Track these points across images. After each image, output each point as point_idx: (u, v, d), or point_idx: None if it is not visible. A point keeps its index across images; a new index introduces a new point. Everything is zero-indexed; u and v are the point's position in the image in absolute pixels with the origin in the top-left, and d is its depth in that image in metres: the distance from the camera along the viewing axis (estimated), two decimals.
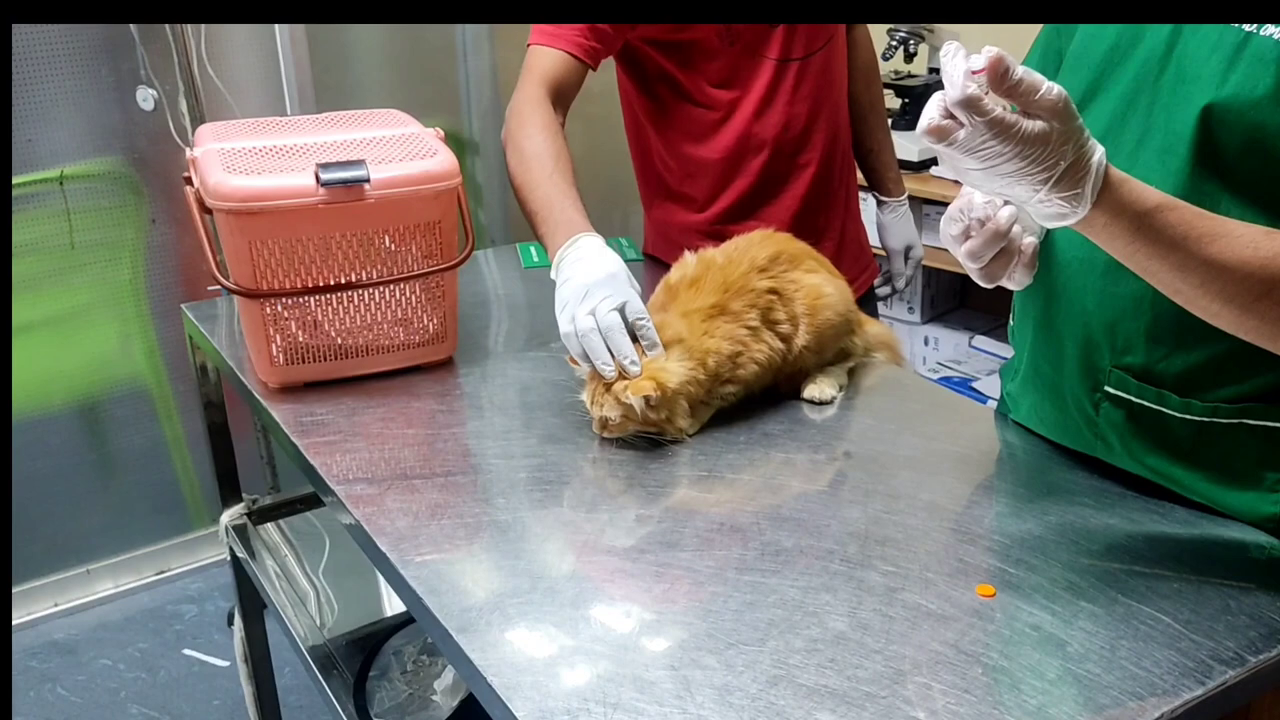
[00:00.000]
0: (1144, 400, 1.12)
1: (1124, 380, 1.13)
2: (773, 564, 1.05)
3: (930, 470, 1.22)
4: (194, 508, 2.93)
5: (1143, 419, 1.13)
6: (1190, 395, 1.09)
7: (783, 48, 1.68)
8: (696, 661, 0.91)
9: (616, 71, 1.79)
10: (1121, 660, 0.91)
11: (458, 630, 0.96)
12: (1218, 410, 1.09)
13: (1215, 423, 1.09)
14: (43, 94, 2.48)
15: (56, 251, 2.59)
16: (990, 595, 0.99)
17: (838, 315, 1.39)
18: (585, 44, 1.57)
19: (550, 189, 1.44)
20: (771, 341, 1.33)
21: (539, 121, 1.51)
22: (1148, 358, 1.10)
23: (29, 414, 2.66)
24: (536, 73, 1.56)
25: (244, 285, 1.38)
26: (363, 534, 1.13)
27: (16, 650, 2.66)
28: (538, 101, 1.53)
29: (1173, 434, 1.12)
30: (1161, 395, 1.11)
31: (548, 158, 1.47)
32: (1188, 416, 1.10)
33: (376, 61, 2.93)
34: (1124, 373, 1.12)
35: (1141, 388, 1.12)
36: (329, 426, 1.35)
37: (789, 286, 1.36)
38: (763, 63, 1.68)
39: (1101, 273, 1.08)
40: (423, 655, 1.66)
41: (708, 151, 1.73)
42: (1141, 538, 1.09)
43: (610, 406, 1.24)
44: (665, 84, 1.71)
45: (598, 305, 1.25)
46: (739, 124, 1.70)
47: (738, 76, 1.68)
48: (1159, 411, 1.11)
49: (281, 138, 1.48)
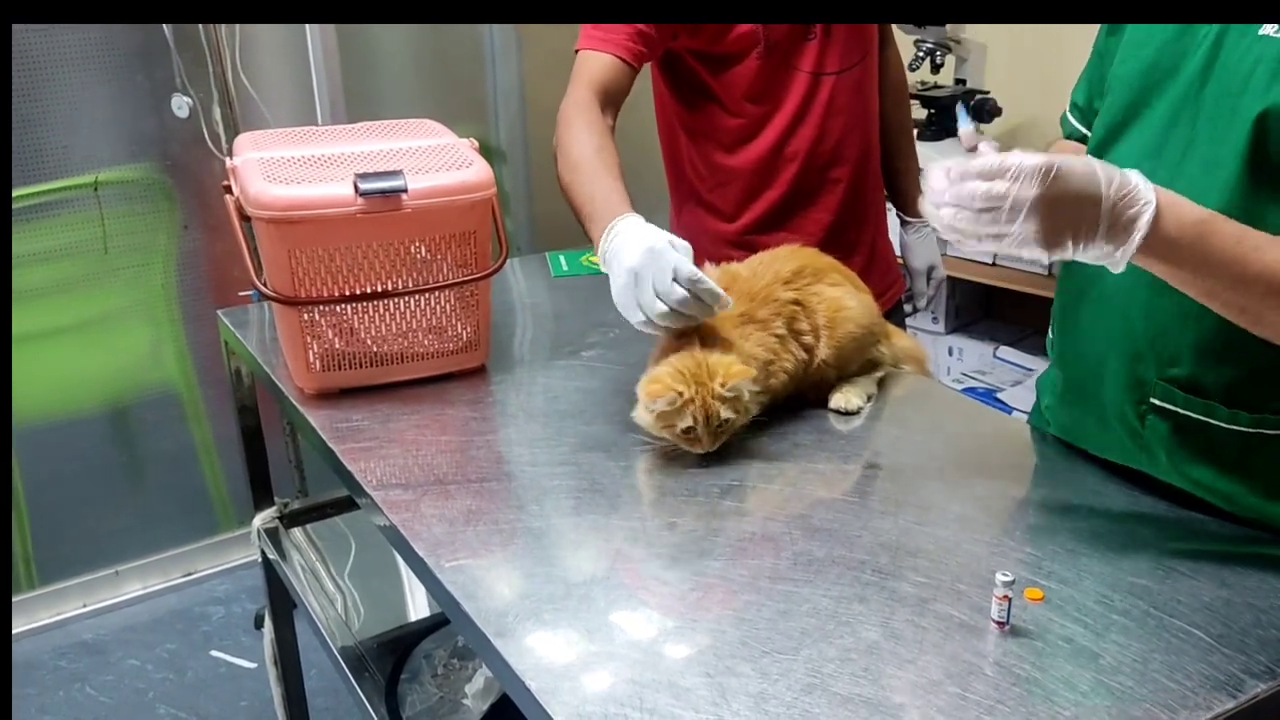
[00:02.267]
0: (1191, 412, 1.12)
1: (1170, 393, 1.13)
2: (805, 573, 1.06)
3: (960, 482, 1.23)
4: (222, 510, 2.97)
5: (1189, 431, 1.14)
6: (1237, 407, 1.10)
7: (816, 61, 1.70)
8: (731, 669, 0.92)
9: (653, 76, 1.80)
10: (1154, 673, 0.91)
11: (495, 635, 0.98)
12: (1264, 421, 1.10)
13: (1261, 434, 1.10)
14: (79, 100, 2.52)
15: (90, 256, 2.63)
16: (1038, 599, 1.00)
17: (859, 328, 1.40)
18: (633, 48, 1.58)
19: (593, 186, 1.42)
20: (797, 351, 1.35)
21: (583, 123, 1.51)
22: (1195, 370, 1.11)
23: (60, 416, 2.70)
24: (585, 77, 1.57)
25: (282, 293, 1.40)
26: (399, 539, 1.15)
27: (46, 650, 2.69)
28: (584, 105, 1.54)
29: (1219, 445, 1.12)
30: (1209, 407, 1.11)
31: (591, 156, 1.46)
32: (1235, 428, 1.11)
33: (405, 70, 2.96)
34: (1171, 385, 1.13)
35: (1189, 399, 1.12)
36: (364, 432, 1.37)
37: (812, 299, 1.37)
38: (796, 75, 1.70)
39: (1148, 285, 1.09)
40: (453, 659, 1.68)
41: (739, 161, 1.74)
42: (1173, 551, 1.09)
43: (724, 408, 1.22)
44: (700, 92, 1.73)
45: (656, 285, 1.22)
46: (771, 136, 1.72)
47: (771, 89, 1.70)
48: (1205, 423, 1.12)
49: (319, 147, 1.50)
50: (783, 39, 1.68)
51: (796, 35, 1.69)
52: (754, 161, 1.73)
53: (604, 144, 1.49)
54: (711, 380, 1.21)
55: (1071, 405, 1.27)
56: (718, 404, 1.22)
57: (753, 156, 1.73)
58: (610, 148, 1.49)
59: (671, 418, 1.22)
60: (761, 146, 1.72)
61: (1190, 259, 0.95)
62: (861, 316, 1.41)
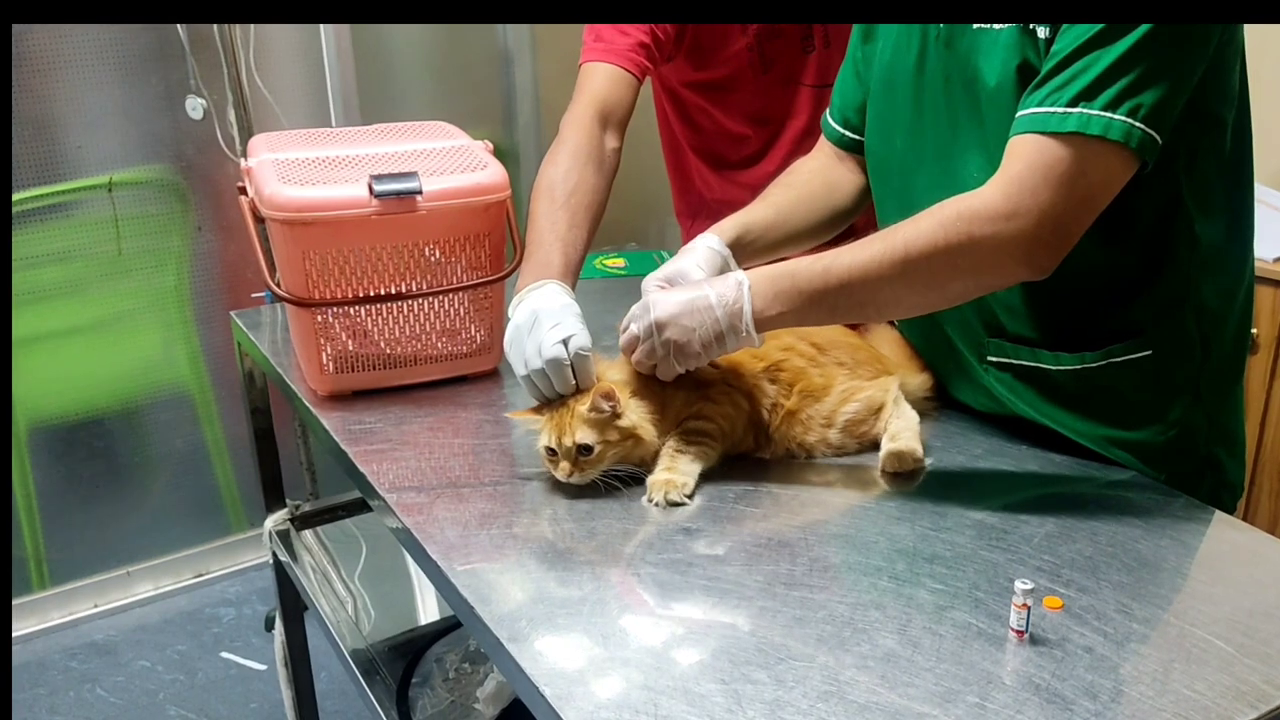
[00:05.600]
0: (1023, 360, 1.27)
1: (1001, 346, 1.28)
2: (821, 580, 1.05)
3: (977, 489, 1.22)
4: (233, 512, 2.97)
5: (1027, 376, 1.28)
6: (1060, 349, 1.24)
7: (818, 73, 1.68)
8: (746, 676, 0.91)
9: (655, 94, 1.79)
10: (1174, 683, 0.90)
11: (509, 639, 0.97)
12: (1084, 358, 1.23)
13: (1086, 367, 1.23)
14: (94, 101, 2.53)
15: (104, 257, 2.63)
16: (1058, 608, 0.99)
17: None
18: (636, 59, 1.57)
19: (546, 224, 1.40)
20: (738, 401, 1.27)
21: (570, 147, 1.48)
22: (1011, 325, 1.26)
23: (74, 416, 2.71)
24: (586, 94, 1.55)
25: (296, 294, 1.40)
26: (413, 542, 1.14)
27: (56, 650, 2.70)
28: (579, 125, 1.51)
29: (1059, 386, 1.26)
30: (1035, 354, 1.25)
31: (561, 187, 1.43)
32: (1062, 368, 1.25)
33: (418, 72, 2.96)
34: (1000, 340, 1.28)
35: (1018, 349, 1.27)
36: (378, 435, 1.37)
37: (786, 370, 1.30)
38: (800, 90, 1.69)
39: None
40: (464, 663, 1.68)
41: (750, 179, 1.73)
42: (1194, 561, 1.08)
43: (583, 430, 1.18)
44: (704, 115, 1.72)
45: (526, 348, 1.24)
46: (782, 151, 1.70)
47: (776, 105, 1.69)
48: (1039, 368, 1.26)
49: (334, 149, 1.50)
50: (781, 54, 1.67)
51: (795, 49, 1.68)
52: (764, 179, 1.72)
53: (580, 177, 1.45)
54: (579, 404, 1.20)
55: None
56: (577, 423, 1.18)
57: (763, 174, 1.71)
58: (589, 181, 1.45)
59: (539, 437, 1.21)
60: (773, 163, 1.71)
61: (800, 310, 1.16)
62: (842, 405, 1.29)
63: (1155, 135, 1.05)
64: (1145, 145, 1.05)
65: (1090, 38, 1.05)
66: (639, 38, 1.57)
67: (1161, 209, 1.17)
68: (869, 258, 1.13)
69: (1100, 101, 1.04)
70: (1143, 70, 1.04)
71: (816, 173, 1.47)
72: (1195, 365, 1.24)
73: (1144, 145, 1.05)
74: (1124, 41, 1.03)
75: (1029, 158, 1.07)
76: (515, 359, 1.27)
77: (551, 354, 1.21)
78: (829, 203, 1.45)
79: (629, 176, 1.65)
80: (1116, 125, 1.04)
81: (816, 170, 1.48)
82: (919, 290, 1.14)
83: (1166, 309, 1.21)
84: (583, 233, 1.41)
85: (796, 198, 1.44)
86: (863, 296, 1.15)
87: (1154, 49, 1.03)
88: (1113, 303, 1.22)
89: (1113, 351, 1.22)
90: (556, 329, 1.22)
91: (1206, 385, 1.25)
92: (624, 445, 1.20)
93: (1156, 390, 1.24)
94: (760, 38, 1.67)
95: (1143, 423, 1.25)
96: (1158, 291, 1.20)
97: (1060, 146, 1.06)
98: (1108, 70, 1.04)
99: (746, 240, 1.38)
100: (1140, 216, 1.16)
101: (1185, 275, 1.20)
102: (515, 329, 1.27)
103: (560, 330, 1.22)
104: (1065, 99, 1.05)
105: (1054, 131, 1.06)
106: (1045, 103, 1.07)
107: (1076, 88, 1.05)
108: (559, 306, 1.27)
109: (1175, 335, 1.22)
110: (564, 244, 1.38)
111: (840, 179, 1.46)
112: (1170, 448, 1.25)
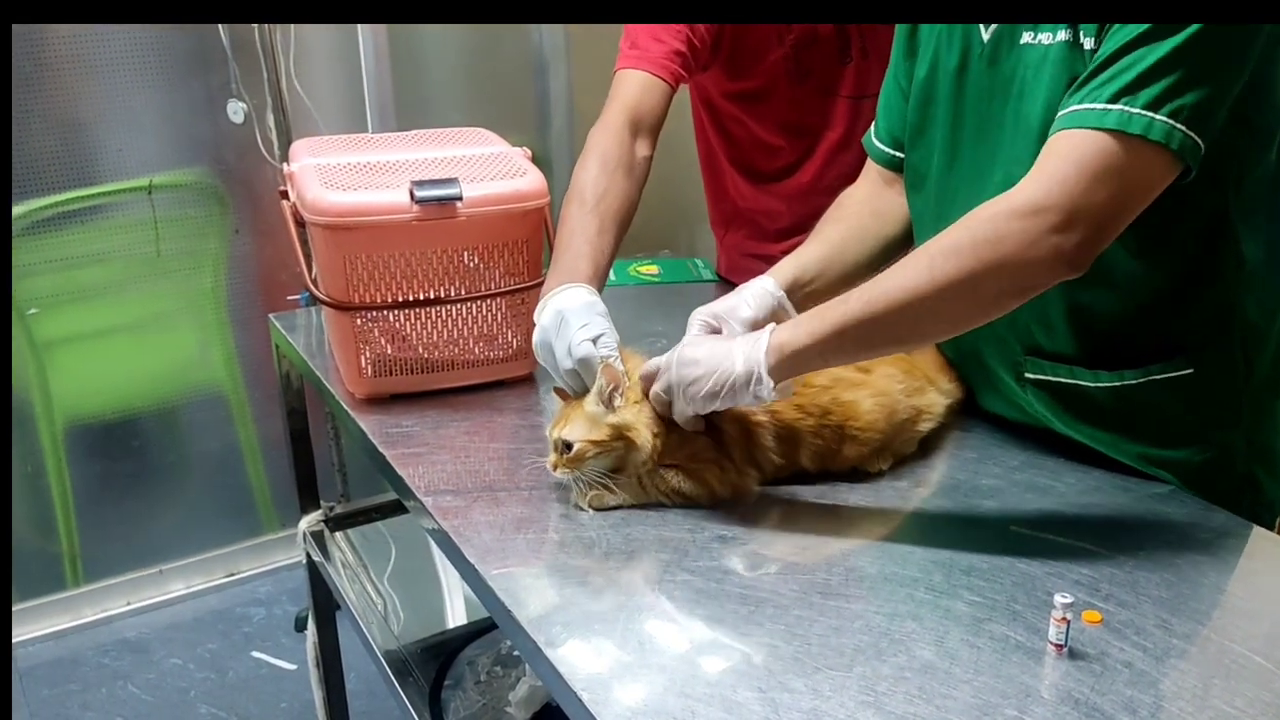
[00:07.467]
0: (1060, 378, 1.25)
1: (1038, 364, 1.26)
2: (857, 589, 1.05)
3: (1013, 500, 1.22)
4: (265, 512, 2.99)
5: (1065, 395, 1.26)
6: (1098, 368, 1.23)
7: (856, 84, 1.68)
8: (784, 685, 0.92)
9: (691, 103, 1.80)
10: (1214, 699, 0.90)
11: (545, 643, 0.97)
12: (1124, 375, 1.22)
13: (1126, 385, 1.22)
14: (135, 104, 2.55)
15: (143, 258, 2.66)
16: (1097, 622, 0.99)
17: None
18: (670, 66, 1.56)
19: (574, 228, 1.40)
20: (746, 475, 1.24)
21: (599, 153, 1.48)
22: (1047, 342, 1.25)
23: (110, 416, 2.74)
24: (618, 101, 1.54)
25: (336, 298, 1.41)
26: (450, 544, 1.15)
27: (89, 646, 2.72)
28: (610, 131, 1.51)
29: (1097, 404, 1.24)
30: (1074, 371, 1.24)
31: (590, 192, 1.43)
32: (1099, 385, 1.23)
33: (455, 77, 2.98)
34: (1036, 358, 1.26)
35: (1055, 366, 1.25)
36: (415, 438, 1.38)
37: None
38: (837, 101, 1.68)
39: None
40: (496, 666, 1.68)
41: (785, 190, 1.73)
42: (1233, 577, 1.08)
43: (574, 425, 1.18)
44: (739, 125, 1.72)
45: (556, 348, 1.26)
46: (817, 163, 1.70)
47: (812, 116, 1.68)
48: (1077, 385, 1.25)
49: (374, 154, 1.52)
50: (818, 64, 1.66)
51: (832, 60, 1.68)
52: (798, 191, 1.72)
53: (610, 183, 1.44)
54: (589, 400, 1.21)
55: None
56: (575, 416, 1.19)
57: (799, 184, 1.72)
58: (617, 187, 1.45)
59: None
60: (805, 177, 1.71)
61: (825, 341, 1.11)
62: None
63: (1197, 139, 1.03)
64: (1187, 148, 1.03)
65: (1135, 37, 1.03)
66: (674, 45, 1.57)
67: (1209, 226, 1.16)
68: (893, 274, 1.09)
69: (1142, 99, 1.02)
70: (1186, 72, 1.02)
71: (864, 202, 1.43)
72: (1237, 384, 1.23)
73: (1185, 148, 1.03)
74: (1169, 41, 1.02)
75: (1064, 152, 1.05)
76: (545, 360, 1.29)
77: (581, 353, 1.22)
78: (880, 233, 1.41)
79: (664, 183, 1.66)
80: (1158, 126, 1.02)
81: (864, 199, 1.44)
82: (950, 299, 1.07)
83: (1210, 327, 1.20)
84: (610, 238, 1.41)
85: (847, 230, 1.40)
86: (892, 317, 1.08)
87: (1199, 51, 1.02)
88: (1155, 320, 1.20)
89: (1153, 370, 1.21)
90: (585, 328, 1.24)
91: (1247, 405, 1.24)
92: (614, 446, 1.18)
93: (1197, 410, 1.23)
94: (797, 47, 1.67)
95: (1182, 442, 1.24)
96: (1202, 310, 1.19)
97: (1098, 141, 1.03)
98: (1151, 69, 1.02)
99: (804, 281, 1.33)
100: (1187, 232, 1.15)
101: (1230, 293, 1.19)
102: (542, 330, 1.28)
103: (589, 329, 1.24)
104: (1106, 95, 1.03)
105: (1093, 126, 1.04)
106: (1086, 99, 1.05)
107: (1119, 84, 1.03)
108: (583, 305, 1.27)
109: (1218, 354, 1.21)
110: (592, 249, 1.38)
111: (888, 206, 1.42)
112: (1209, 467, 1.24)
